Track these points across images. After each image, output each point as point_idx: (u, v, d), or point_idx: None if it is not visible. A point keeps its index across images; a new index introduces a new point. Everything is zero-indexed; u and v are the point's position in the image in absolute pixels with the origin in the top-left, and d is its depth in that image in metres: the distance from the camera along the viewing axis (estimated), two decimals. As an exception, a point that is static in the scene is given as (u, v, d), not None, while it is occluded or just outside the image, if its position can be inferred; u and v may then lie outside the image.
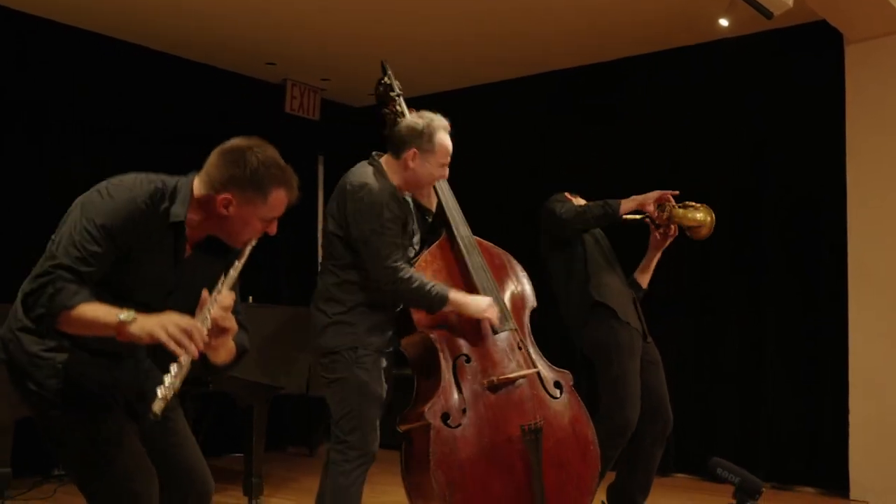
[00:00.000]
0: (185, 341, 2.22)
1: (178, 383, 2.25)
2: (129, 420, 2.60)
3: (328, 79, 7.52)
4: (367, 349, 3.47)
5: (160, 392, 2.22)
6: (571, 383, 3.88)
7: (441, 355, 3.62)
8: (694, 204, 4.32)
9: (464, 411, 3.57)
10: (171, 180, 2.56)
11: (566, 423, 3.79)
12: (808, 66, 6.08)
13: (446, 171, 3.66)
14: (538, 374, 3.77)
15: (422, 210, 3.85)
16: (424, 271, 3.65)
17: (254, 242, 2.58)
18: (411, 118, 3.64)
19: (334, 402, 3.52)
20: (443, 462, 3.47)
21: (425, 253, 3.76)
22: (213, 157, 2.55)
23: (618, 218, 4.25)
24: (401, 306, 3.65)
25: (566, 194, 4.51)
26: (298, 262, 7.57)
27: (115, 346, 2.49)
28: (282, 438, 7.32)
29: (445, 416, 3.53)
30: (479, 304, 3.61)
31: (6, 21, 5.95)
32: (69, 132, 6.25)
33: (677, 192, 4.31)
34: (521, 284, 3.99)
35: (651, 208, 4.28)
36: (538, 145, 7.25)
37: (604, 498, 4.42)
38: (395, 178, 3.56)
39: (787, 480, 6.00)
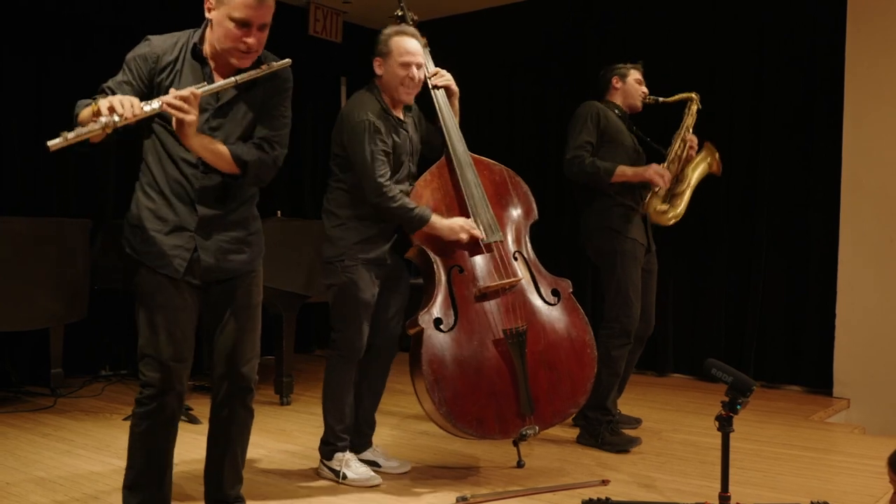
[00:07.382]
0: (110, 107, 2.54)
1: (84, 133, 2.50)
2: (192, 294, 2.96)
3: (349, 1, 7.60)
4: (353, 260, 3.85)
5: (64, 134, 2.49)
6: (570, 290, 4.15)
7: (436, 266, 3.95)
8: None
9: (455, 317, 3.90)
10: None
11: (561, 328, 4.07)
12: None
13: (412, 71, 3.84)
14: (534, 281, 4.07)
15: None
16: (423, 190, 3.94)
17: (267, 70, 2.97)
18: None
19: (330, 304, 3.97)
20: (432, 362, 3.80)
21: (425, 174, 4.03)
22: None
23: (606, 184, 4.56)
24: (391, 221, 3.94)
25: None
26: (322, 180, 7.82)
27: (180, 219, 2.91)
28: (309, 341, 7.74)
29: (438, 322, 3.87)
30: (452, 226, 3.88)
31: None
32: (101, 40, 6.40)
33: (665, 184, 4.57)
34: (520, 198, 4.21)
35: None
36: (551, 63, 7.35)
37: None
38: (384, 94, 3.90)
39: (775, 379, 6.26)
